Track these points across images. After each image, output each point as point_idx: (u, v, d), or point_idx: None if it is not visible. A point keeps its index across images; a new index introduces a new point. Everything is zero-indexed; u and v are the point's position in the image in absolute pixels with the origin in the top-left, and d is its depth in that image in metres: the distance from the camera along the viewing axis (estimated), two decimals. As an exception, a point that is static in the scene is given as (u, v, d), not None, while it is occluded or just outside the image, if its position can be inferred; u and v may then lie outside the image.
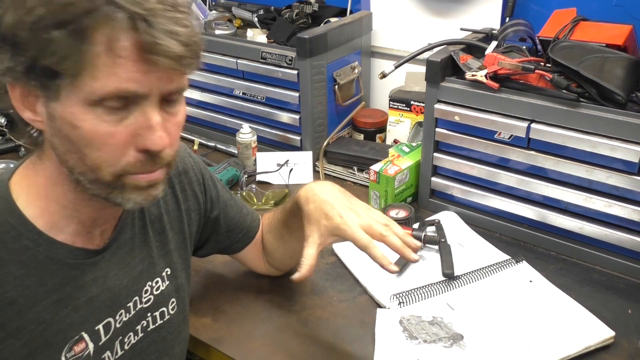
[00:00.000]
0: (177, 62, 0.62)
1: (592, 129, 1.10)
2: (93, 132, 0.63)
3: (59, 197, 0.72)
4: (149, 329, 0.86)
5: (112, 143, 0.64)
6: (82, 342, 0.75)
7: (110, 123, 0.63)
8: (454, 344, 0.97)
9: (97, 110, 0.62)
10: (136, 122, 0.64)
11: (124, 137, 0.65)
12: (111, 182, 0.67)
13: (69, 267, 0.73)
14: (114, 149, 0.65)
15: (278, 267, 1.14)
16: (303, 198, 0.95)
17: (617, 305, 1.08)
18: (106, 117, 0.63)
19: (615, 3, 1.38)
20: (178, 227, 0.93)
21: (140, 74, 0.61)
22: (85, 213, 0.74)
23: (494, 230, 1.32)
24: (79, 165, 0.66)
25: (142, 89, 0.63)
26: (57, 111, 0.63)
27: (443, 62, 1.27)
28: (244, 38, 1.78)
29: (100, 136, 0.64)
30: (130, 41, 0.60)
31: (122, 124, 0.64)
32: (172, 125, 0.69)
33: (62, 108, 0.63)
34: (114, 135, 0.64)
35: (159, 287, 0.87)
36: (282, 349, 1.00)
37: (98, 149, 0.64)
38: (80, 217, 0.74)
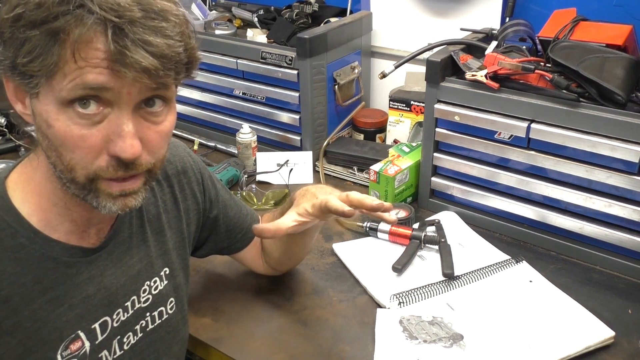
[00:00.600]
0: (147, 75, 0.61)
1: (592, 129, 1.10)
2: (65, 133, 0.63)
3: (50, 194, 0.72)
4: (148, 329, 0.86)
5: (84, 146, 0.64)
6: (78, 340, 0.75)
7: (82, 126, 0.63)
8: (454, 344, 0.97)
9: (69, 112, 0.63)
10: (109, 127, 0.64)
11: (96, 140, 0.64)
12: (85, 185, 0.67)
13: (64, 265, 0.73)
14: (87, 152, 0.65)
15: (276, 267, 1.14)
16: (297, 195, 0.98)
17: (617, 305, 1.08)
18: (78, 120, 0.63)
19: (615, 3, 1.38)
20: (176, 227, 0.93)
21: (110, 72, 0.61)
22: (76, 212, 0.74)
23: (494, 230, 1.32)
24: (58, 163, 0.67)
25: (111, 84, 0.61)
26: (37, 108, 0.65)
27: (443, 62, 1.27)
28: (244, 38, 1.78)
29: (72, 138, 0.64)
30: (100, 48, 0.60)
31: (95, 128, 0.64)
32: (153, 133, 0.68)
33: (40, 106, 0.64)
34: (85, 138, 0.64)
35: (157, 287, 0.87)
36: (282, 349, 1.00)
37: (71, 150, 0.65)
38: (72, 215, 0.74)
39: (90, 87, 0.61)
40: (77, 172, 0.66)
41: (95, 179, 0.67)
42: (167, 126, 0.70)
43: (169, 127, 0.70)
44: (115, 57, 0.59)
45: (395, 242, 1.26)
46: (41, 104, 0.64)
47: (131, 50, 0.59)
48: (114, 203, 0.69)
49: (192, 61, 0.67)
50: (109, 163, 0.66)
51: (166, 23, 0.62)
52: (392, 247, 1.24)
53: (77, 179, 0.67)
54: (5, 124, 1.72)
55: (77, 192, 0.69)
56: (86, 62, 0.60)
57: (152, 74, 0.61)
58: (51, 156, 0.67)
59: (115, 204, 0.69)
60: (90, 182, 0.67)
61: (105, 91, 0.62)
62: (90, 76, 0.60)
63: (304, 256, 1.15)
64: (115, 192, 0.69)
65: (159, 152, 0.71)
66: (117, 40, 0.59)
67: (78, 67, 0.60)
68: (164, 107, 0.68)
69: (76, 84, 0.61)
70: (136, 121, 0.66)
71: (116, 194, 0.69)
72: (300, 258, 1.15)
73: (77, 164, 0.65)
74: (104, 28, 0.59)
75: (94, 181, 0.67)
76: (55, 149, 0.65)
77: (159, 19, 0.61)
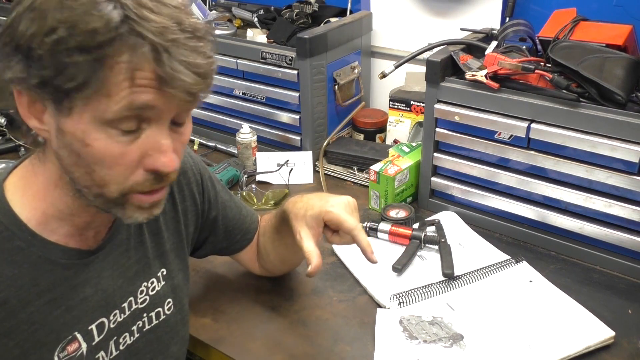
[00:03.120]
0: (192, 95, 0.63)
1: (592, 129, 1.10)
2: (104, 152, 0.64)
3: (55, 200, 0.72)
4: (145, 329, 0.86)
5: (122, 163, 0.65)
6: (75, 342, 0.75)
7: (122, 143, 0.64)
8: (454, 344, 0.97)
9: (110, 131, 0.63)
10: (147, 143, 0.66)
11: (134, 157, 0.66)
12: (116, 199, 0.68)
13: (62, 267, 0.73)
14: (124, 169, 0.66)
15: (270, 270, 1.13)
16: (290, 203, 0.96)
17: (617, 305, 1.08)
18: (119, 138, 0.64)
19: (615, 3, 1.38)
20: (174, 228, 0.93)
21: (156, 99, 0.62)
22: (80, 217, 0.74)
23: (494, 230, 1.32)
24: (85, 180, 0.67)
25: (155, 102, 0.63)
26: (68, 127, 0.64)
27: (443, 62, 1.27)
28: (244, 38, 1.78)
29: (111, 155, 0.64)
30: (151, 72, 0.61)
31: (133, 145, 0.65)
32: (179, 144, 0.70)
33: (73, 124, 0.63)
34: (125, 155, 0.65)
35: (154, 288, 0.87)
36: (282, 349, 1.00)
37: (108, 167, 0.65)
38: (75, 221, 0.74)
39: (137, 108, 0.62)
40: (110, 187, 0.67)
41: (128, 193, 0.68)
42: (188, 134, 0.72)
43: (189, 135, 0.73)
44: (165, 80, 0.61)
45: (395, 242, 1.26)
46: (75, 123, 0.63)
47: (179, 72, 0.61)
48: (141, 214, 0.71)
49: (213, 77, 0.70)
50: (146, 177, 0.68)
51: (202, 42, 0.64)
52: (392, 247, 1.24)
53: (108, 194, 0.68)
54: (5, 124, 1.72)
55: (101, 205, 0.70)
56: (135, 85, 0.60)
57: (195, 94, 0.64)
58: (75, 172, 0.67)
59: (142, 214, 0.71)
60: (122, 196, 0.68)
61: (149, 110, 0.63)
62: (140, 97, 0.61)
63: (298, 263, 1.13)
64: (146, 204, 0.71)
65: (181, 160, 0.73)
66: (167, 64, 0.60)
67: (127, 91, 0.61)
68: (187, 118, 0.71)
69: (123, 106, 0.61)
70: (170, 135, 0.67)
71: (146, 206, 0.71)
72: (294, 264, 1.14)
73: (112, 180, 0.66)
74: (154, 52, 0.60)
75: (125, 195, 0.68)
76: (86, 166, 0.65)
77: (195, 38, 0.63)
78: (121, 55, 0.59)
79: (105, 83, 0.60)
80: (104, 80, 0.60)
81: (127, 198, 0.69)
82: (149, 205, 0.71)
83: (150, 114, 0.64)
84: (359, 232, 0.89)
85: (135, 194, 0.69)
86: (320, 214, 0.90)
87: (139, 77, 0.60)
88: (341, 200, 0.92)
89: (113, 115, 0.61)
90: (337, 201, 0.92)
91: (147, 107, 0.63)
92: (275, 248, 1.06)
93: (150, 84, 0.61)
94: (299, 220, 0.91)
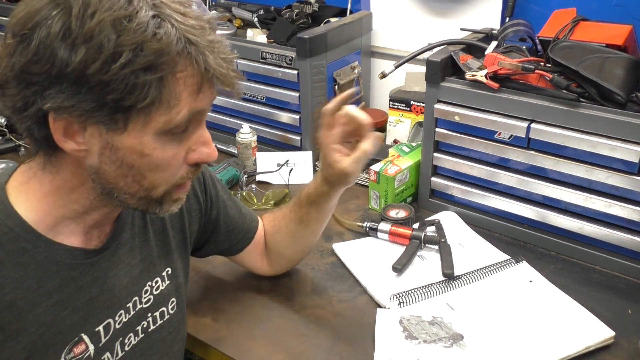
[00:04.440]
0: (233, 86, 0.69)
1: (592, 129, 1.10)
2: (162, 158, 0.68)
3: (70, 202, 0.72)
4: (150, 329, 0.86)
5: (174, 164, 0.70)
6: (82, 343, 0.75)
7: (174, 146, 0.69)
8: (454, 344, 0.97)
9: (164, 138, 0.66)
10: (191, 139, 0.71)
11: (182, 155, 0.71)
12: (159, 198, 0.72)
13: (68, 267, 0.73)
14: (175, 169, 0.71)
15: (285, 265, 1.15)
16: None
17: (617, 305, 1.08)
18: (173, 143, 0.68)
19: (615, 3, 1.38)
20: (179, 226, 0.93)
21: (209, 104, 0.69)
22: (92, 216, 0.75)
23: (494, 230, 1.32)
24: (132, 187, 0.69)
25: (206, 107, 0.70)
26: (124, 142, 0.65)
27: (443, 62, 1.27)
28: (244, 38, 1.78)
29: (166, 159, 0.68)
30: (203, 77, 0.65)
31: (182, 145, 0.70)
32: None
33: (130, 139, 0.65)
34: (177, 156, 0.70)
35: (158, 287, 0.87)
36: (282, 349, 1.00)
37: (162, 170, 0.69)
38: (85, 219, 0.74)
39: (195, 114, 0.67)
40: (159, 188, 0.71)
41: (172, 189, 0.72)
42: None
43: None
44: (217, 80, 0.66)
45: (395, 242, 1.26)
46: (131, 137, 0.65)
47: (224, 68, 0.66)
48: (176, 205, 0.76)
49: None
50: (189, 170, 0.73)
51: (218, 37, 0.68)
52: (392, 247, 1.24)
53: (156, 195, 0.71)
54: (5, 124, 1.72)
55: (141, 206, 0.73)
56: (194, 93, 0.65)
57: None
58: (120, 182, 0.69)
59: (177, 205, 0.76)
60: (165, 194, 0.72)
61: (203, 114, 0.69)
62: (199, 105, 0.67)
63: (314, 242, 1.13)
64: (182, 196, 0.76)
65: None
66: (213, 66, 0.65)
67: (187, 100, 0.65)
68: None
69: (184, 116, 0.65)
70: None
71: (182, 198, 0.76)
72: (311, 246, 1.15)
73: (162, 182, 0.70)
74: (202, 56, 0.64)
75: (168, 192, 0.72)
76: (138, 174, 0.68)
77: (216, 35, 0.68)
78: (183, 69, 0.63)
79: (168, 96, 0.63)
80: (168, 95, 0.63)
81: (170, 194, 0.73)
82: (183, 196, 0.76)
83: (202, 116, 0.70)
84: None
85: (176, 189, 0.73)
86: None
87: (196, 84, 0.65)
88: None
89: (175, 125, 0.65)
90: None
91: (202, 112, 0.69)
92: (298, 239, 1.09)
93: (205, 88, 0.66)
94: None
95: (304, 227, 1.06)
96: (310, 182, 1.04)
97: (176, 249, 0.92)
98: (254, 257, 1.12)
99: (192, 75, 0.64)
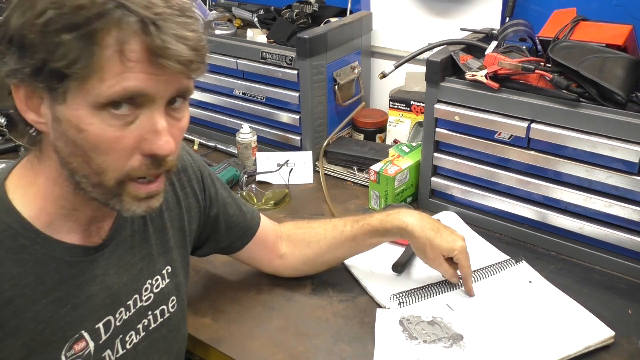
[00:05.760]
0: (186, 67, 0.63)
1: (592, 129, 1.10)
2: (99, 136, 0.63)
3: (57, 197, 0.72)
4: (150, 327, 0.86)
5: (118, 148, 0.65)
6: (82, 340, 0.75)
7: (116, 127, 0.64)
8: (453, 344, 0.97)
9: (103, 114, 0.63)
10: (143, 127, 0.65)
11: (130, 141, 0.65)
12: (113, 188, 0.68)
13: (67, 265, 0.73)
14: (121, 154, 0.65)
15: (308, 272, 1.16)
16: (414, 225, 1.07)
17: (617, 305, 1.08)
18: (113, 122, 0.63)
19: (615, 3, 1.38)
20: (178, 225, 0.93)
21: (148, 76, 0.62)
22: (83, 212, 0.74)
23: (494, 230, 1.32)
24: (83, 168, 0.67)
25: (150, 90, 0.63)
26: (63, 114, 0.64)
27: (443, 62, 1.27)
28: (244, 38, 1.78)
29: (106, 140, 0.64)
30: (140, 45, 0.60)
31: (128, 129, 0.64)
32: (177, 130, 0.69)
33: (69, 111, 0.63)
34: (120, 140, 0.64)
35: (158, 285, 0.87)
36: (282, 349, 1.00)
37: (105, 153, 0.65)
38: (78, 216, 0.74)
39: (130, 91, 0.62)
40: (107, 175, 0.66)
41: (125, 181, 0.68)
42: (185, 122, 0.71)
43: (187, 122, 0.72)
44: (159, 51, 0.60)
45: (395, 242, 1.26)
46: (70, 109, 0.63)
47: (172, 44, 0.61)
48: (139, 206, 0.70)
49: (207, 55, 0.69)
50: (142, 162, 0.67)
51: (189, 19, 0.64)
52: (392, 247, 1.24)
53: (106, 183, 0.67)
54: (5, 124, 1.72)
55: (100, 197, 0.69)
56: (128, 62, 0.60)
57: (189, 67, 0.63)
58: (73, 162, 0.67)
59: (140, 206, 0.71)
60: (119, 185, 0.68)
61: (141, 96, 0.63)
62: (131, 82, 0.61)
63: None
64: (142, 194, 0.70)
65: (179, 148, 0.73)
66: (157, 36, 0.60)
67: (118, 70, 0.61)
68: (183, 104, 0.70)
69: (116, 90, 0.61)
70: (166, 119, 0.67)
71: (142, 197, 0.70)
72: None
73: (109, 167, 0.66)
74: (141, 24, 0.60)
75: (122, 184, 0.68)
76: (83, 154, 0.65)
77: (183, 16, 0.63)
78: (109, 30, 0.59)
79: (96, 61, 0.60)
80: (95, 58, 0.60)
81: (124, 187, 0.68)
82: (145, 196, 0.70)
83: (144, 97, 0.63)
84: (470, 278, 1.09)
85: (132, 183, 0.68)
86: (450, 252, 1.06)
87: (128, 51, 0.60)
88: (463, 245, 1.07)
89: (106, 97, 0.61)
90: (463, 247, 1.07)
91: (140, 89, 0.62)
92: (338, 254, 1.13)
93: (140, 58, 0.61)
94: (435, 250, 1.06)
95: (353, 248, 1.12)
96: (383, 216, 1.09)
97: (176, 247, 0.92)
98: (260, 254, 1.11)
99: (124, 39, 0.60)
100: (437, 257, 1.07)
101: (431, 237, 1.05)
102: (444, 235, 1.06)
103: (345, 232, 1.10)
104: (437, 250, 1.06)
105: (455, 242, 1.06)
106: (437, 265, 1.08)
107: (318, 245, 1.11)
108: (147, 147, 0.66)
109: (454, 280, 1.10)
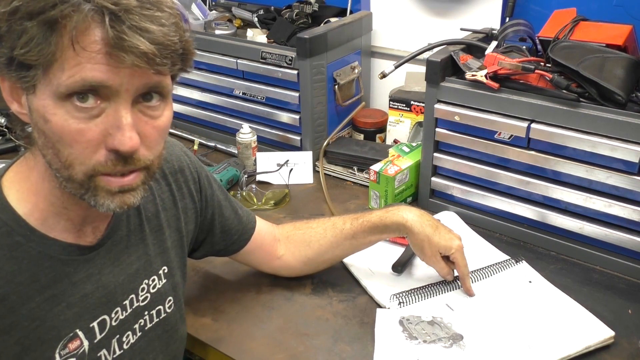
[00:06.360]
0: (145, 61, 0.61)
1: (592, 129, 1.10)
2: (62, 128, 0.63)
3: (47, 193, 0.72)
4: (147, 327, 0.86)
5: (82, 140, 0.64)
6: (76, 339, 0.75)
7: (80, 120, 0.63)
8: (453, 344, 0.97)
9: (67, 106, 0.62)
10: (107, 121, 0.64)
11: (94, 135, 0.64)
12: (83, 182, 0.67)
13: (61, 263, 0.73)
14: (85, 147, 0.64)
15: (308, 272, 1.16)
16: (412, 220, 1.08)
17: (617, 305, 1.08)
18: (76, 114, 0.63)
19: (615, 3, 1.38)
20: (175, 225, 0.93)
21: (108, 67, 0.61)
22: (73, 211, 0.74)
23: (494, 230, 1.32)
24: (55, 161, 0.67)
25: (111, 83, 0.62)
26: (33, 104, 0.64)
27: (443, 62, 1.27)
28: (244, 38, 1.78)
29: (70, 132, 0.63)
30: (98, 35, 0.60)
31: (92, 122, 0.64)
32: (151, 128, 0.68)
33: (37, 101, 0.64)
34: (84, 132, 0.64)
35: (155, 285, 0.87)
36: (282, 349, 1.00)
37: (69, 145, 0.64)
38: (69, 214, 0.74)
39: (90, 84, 0.61)
40: (75, 168, 0.66)
41: (94, 175, 0.66)
42: (164, 121, 0.70)
43: (165, 122, 0.70)
44: (114, 42, 0.60)
45: (395, 242, 1.26)
46: (38, 99, 0.63)
47: (129, 35, 0.60)
48: (112, 200, 0.68)
49: (187, 53, 0.68)
50: (108, 157, 0.66)
51: (161, 13, 0.63)
52: (392, 247, 1.24)
53: (75, 176, 0.66)
54: (5, 124, 1.72)
55: (75, 191, 0.68)
56: (84, 52, 0.60)
57: (150, 61, 0.62)
58: (47, 154, 0.67)
59: (113, 201, 0.69)
60: (88, 179, 0.66)
61: (104, 88, 0.62)
62: (89, 73, 0.61)
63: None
64: (114, 188, 0.68)
65: (157, 148, 0.71)
66: (114, 27, 0.59)
67: (76, 60, 0.60)
68: (160, 102, 0.69)
69: (75, 81, 0.61)
70: (134, 115, 0.66)
71: (115, 191, 0.68)
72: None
73: (75, 160, 0.65)
74: (101, 16, 0.59)
75: (92, 178, 0.67)
76: (52, 145, 0.65)
77: (153, 9, 0.62)
78: (68, 18, 0.59)
79: (57, 49, 0.60)
80: (56, 46, 0.60)
81: (94, 181, 0.67)
82: (118, 190, 0.68)
83: (106, 91, 0.62)
84: (467, 277, 1.09)
85: (102, 176, 0.67)
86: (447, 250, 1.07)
87: (85, 41, 0.60)
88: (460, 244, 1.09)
89: (65, 88, 0.61)
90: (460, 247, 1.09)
91: (99, 80, 0.61)
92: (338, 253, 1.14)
93: (98, 55, 0.60)
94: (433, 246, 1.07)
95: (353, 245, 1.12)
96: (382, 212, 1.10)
97: (173, 248, 0.92)
98: (257, 257, 1.11)
99: (81, 29, 0.59)
100: (434, 254, 1.07)
101: (430, 234, 1.06)
102: (442, 233, 1.07)
103: (345, 230, 1.10)
104: (434, 247, 1.06)
105: (453, 240, 1.07)
106: (433, 263, 1.09)
107: (318, 244, 1.11)
108: (110, 142, 0.64)
109: (449, 278, 1.11)
